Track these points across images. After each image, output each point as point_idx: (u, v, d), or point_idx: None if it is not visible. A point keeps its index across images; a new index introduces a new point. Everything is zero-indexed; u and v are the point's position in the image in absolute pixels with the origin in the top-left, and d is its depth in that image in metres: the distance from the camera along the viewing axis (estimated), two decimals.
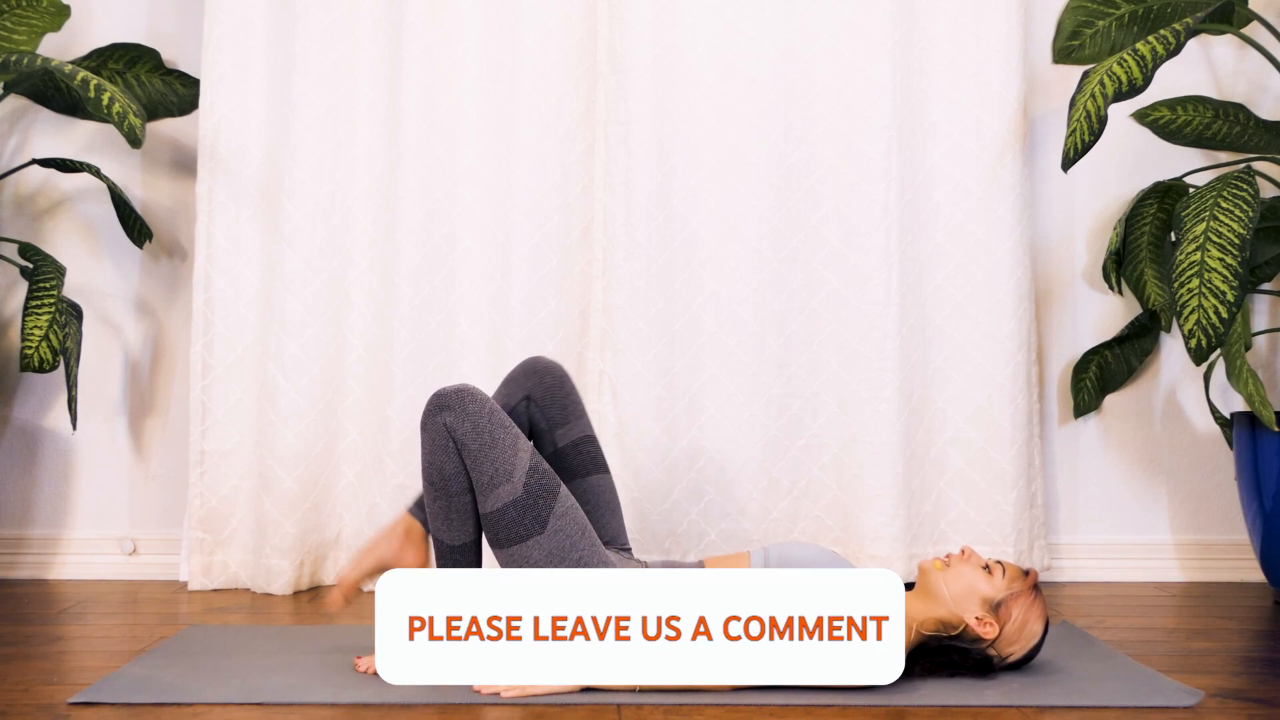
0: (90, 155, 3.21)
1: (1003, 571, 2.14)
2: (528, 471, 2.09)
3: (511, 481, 2.08)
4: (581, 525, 2.12)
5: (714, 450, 3.04)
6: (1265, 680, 2.21)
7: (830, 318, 3.06)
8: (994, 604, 2.11)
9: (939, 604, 2.12)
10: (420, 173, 3.06)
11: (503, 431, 2.11)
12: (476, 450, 2.09)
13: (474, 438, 2.09)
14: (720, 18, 3.06)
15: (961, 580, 2.12)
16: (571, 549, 2.09)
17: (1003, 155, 3.07)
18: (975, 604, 2.11)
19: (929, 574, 2.15)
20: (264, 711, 1.95)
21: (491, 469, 2.09)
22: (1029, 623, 2.13)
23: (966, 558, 2.16)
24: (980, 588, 2.12)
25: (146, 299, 3.24)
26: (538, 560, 2.08)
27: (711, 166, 3.06)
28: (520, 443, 2.12)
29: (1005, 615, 2.11)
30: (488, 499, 2.09)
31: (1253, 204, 2.57)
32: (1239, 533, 3.18)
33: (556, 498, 2.11)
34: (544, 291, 3.06)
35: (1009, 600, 2.11)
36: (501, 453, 2.09)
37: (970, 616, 2.10)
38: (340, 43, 3.08)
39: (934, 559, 2.18)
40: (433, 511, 2.17)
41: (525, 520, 2.08)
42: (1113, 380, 3.19)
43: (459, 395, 2.12)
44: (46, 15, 3.08)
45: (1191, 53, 3.22)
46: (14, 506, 3.20)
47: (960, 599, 2.11)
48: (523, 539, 2.08)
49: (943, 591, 2.12)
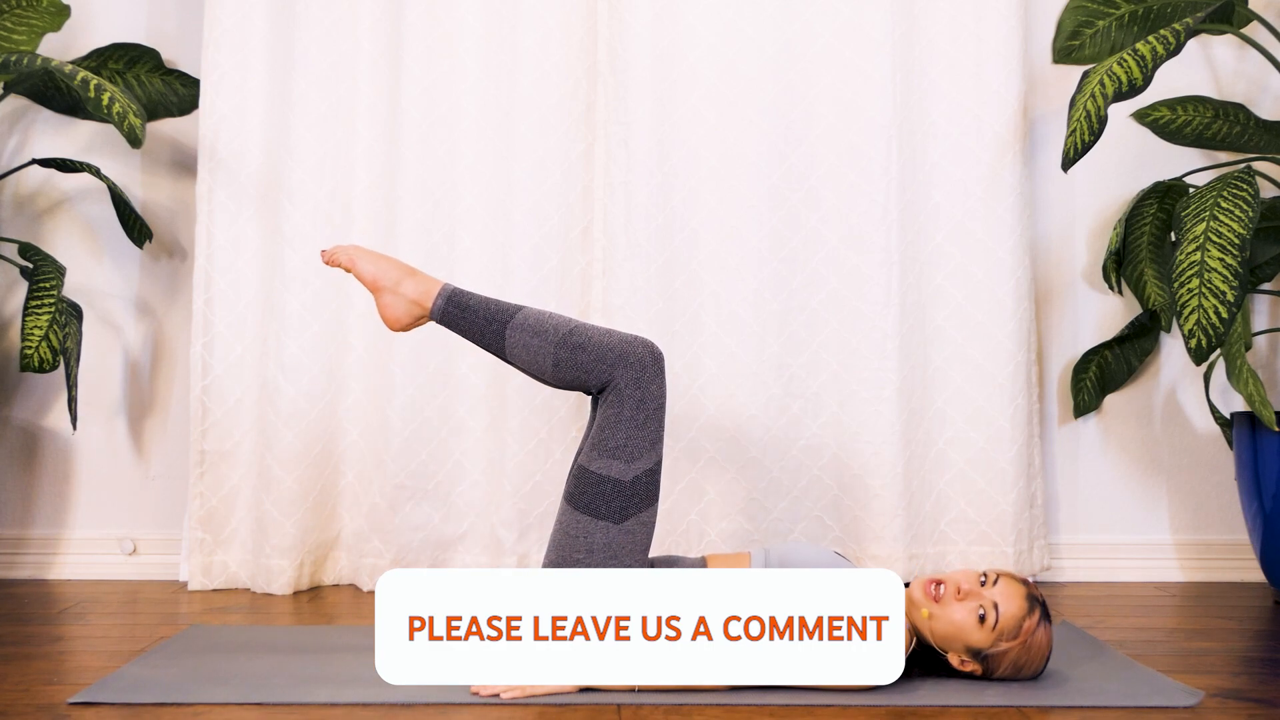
0: (90, 155, 3.21)
1: (995, 621, 2.03)
2: (649, 470, 2.10)
3: (631, 464, 2.08)
4: (646, 544, 2.13)
5: (714, 450, 3.04)
6: (1265, 680, 2.21)
7: (830, 318, 3.06)
8: (980, 655, 2.06)
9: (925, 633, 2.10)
10: (420, 173, 3.06)
11: (656, 422, 2.11)
12: (629, 416, 2.09)
13: (636, 407, 2.09)
14: (720, 18, 3.06)
15: (949, 626, 2.05)
16: (628, 554, 2.09)
17: (1003, 155, 3.07)
18: (960, 648, 2.06)
19: (914, 615, 2.07)
20: (264, 711, 1.95)
21: (625, 439, 2.08)
22: (1023, 668, 2.08)
23: (963, 597, 2.04)
24: (967, 637, 2.04)
25: (146, 299, 3.24)
26: (595, 543, 2.08)
27: (711, 166, 3.06)
28: (660, 442, 2.12)
29: (993, 665, 2.07)
30: (599, 459, 2.08)
31: (1253, 204, 2.57)
32: (1239, 533, 3.18)
33: (650, 508, 2.12)
34: (544, 291, 3.06)
35: (997, 655, 2.05)
36: (646, 436, 2.09)
37: (954, 658, 2.08)
38: (340, 43, 3.08)
39: (924, 593, 2.06)
40: (527, 336, 2.12)
41: (614, 504, 2.08)
42: (1113, 380, 3.19)
43: (658, 362, 2.11)
44: (46, 15, 3.09)
45: (1191, 53, 3.22)
46: (14, 506, 3.21)
47: (945, 642, 2.07)
48: (599, 515, 2.08)
49: (927, 633, 2.08)
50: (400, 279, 2.21)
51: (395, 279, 2.21)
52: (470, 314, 2.18)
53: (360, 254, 2.24)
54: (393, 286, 2.21)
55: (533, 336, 2.14)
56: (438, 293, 2.20)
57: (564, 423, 3.06)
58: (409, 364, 3.02)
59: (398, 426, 3.02)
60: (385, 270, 2.21)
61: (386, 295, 2.21)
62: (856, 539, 3.03)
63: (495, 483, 3.05)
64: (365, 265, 2.22)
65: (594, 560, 2.07)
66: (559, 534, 2.12)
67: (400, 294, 2.21)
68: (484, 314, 2.18)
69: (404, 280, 2.21)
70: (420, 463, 3.03)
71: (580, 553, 2.08)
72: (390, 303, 2.21)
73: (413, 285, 2.21)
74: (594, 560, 2.07)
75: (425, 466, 3.03)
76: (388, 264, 2.22)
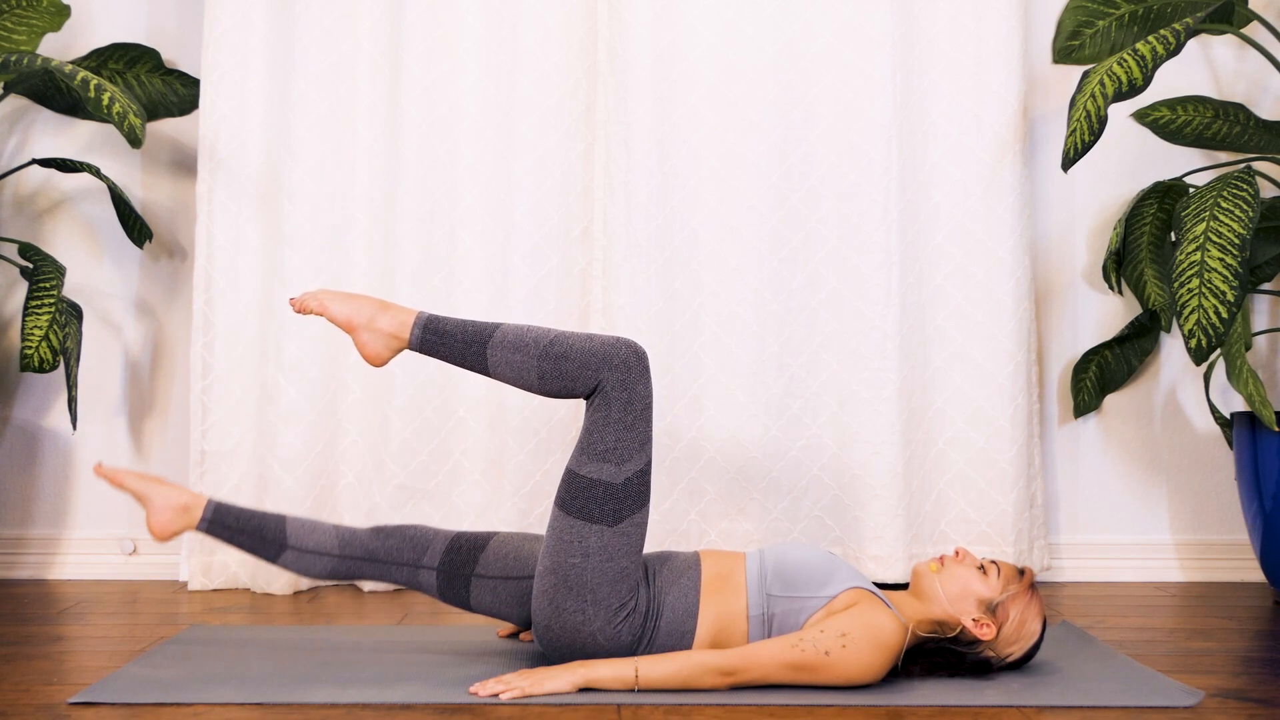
0: (90, 155, 3.21)
1: (998, 572, 2.14)
2: (639, 471, 2.10)
3: (621, 467, 2.08)
4: (639, 544, 2.12)
5: (714, 450, 3.04)
6: (1265, 680, 2.21)
7: (830, 318, 3.06)
8: (990, 605, 2.11)
9: (934, 605, 2.11)
10: (420, 173, 3.06)
11: (644, 422, 2.11)
12: (617, 418, 2.08)
13: (623, 408, 2.09)
14: (720, 18, 3.06)
15: (957, 582, 2.12)
16: (623, 556, 2.08)
17: (1003, 155, 3.07)
18: (971, 605, 2.11)
19: (924, 576, 2.15)
20: (264, 711, 1.95)
21: (614, 442, 2.08)
22: (1027, 622, 2.13)
23: (961, 559, 2.16)
24: (976, 589, 2.12)
25: (146, 299, 3.24)
26: (590, 547, 2.07)
27: (711, 166, 3.06)
28: (650, 442, 2.12)
29: (1002, 616, 2.11)
30: (589, 463, 2.08)
31: (1253, 204, 2.57)
32: (1239, 533, 3.18)
33: (642, 509, 2.11)
34: (544, 291, 3.06)
35: (1006, 602, 2.11)
36: (635, 437, 2.09)
37: (967, 618, 2.10)
38: (340, 43, 3.08)
39: (928, 560, 2.18)
40: (508, 353, 2.12)
41: (606, 507, 2.07)
42: (1113, 380, 3.19)
43: (642, 361, 2.11)
44: (46, 15, 3.08)
45: (1191, 53, 3.22)
46: (14, 506, 3.21)
47: (956, 600, 2.11)
48: (592, 520, 2.07)
49: (938, 593, 2.12)
50: (374, 315, 2.18)
51: (369, 316, 2.18)
52: (449, 339, 2.16)
53: (330, 297, 2.21)
54: (367, 323, 2.18)
55: (514, 352, 2.13)
56: (414, 323, 2.17)
57: (564, 423, 3.06)
58: (409, 364, 3.02)
59: (398, 426, 3.02)
60: (358, 309, 2.18)
61: (363, 333, 2.18)
62: (856, 539, 3.03)
63: (495, 483, 3.05)
64: (337, 307, 2.19)
65: (590, 564, 2.07)
66: (552, 539, 2.11)
67: (376, 329, 2.18)
68: (463, 337, 2.16)
69: (378, 315, 2.18)
70: (420, 463, 3.03)
71: (575, 557, 2.08)
72: (368, 340, 2.18)
73: (388, 319, 2.18)
74: (590, 564, 2.07)
75: (425, 466, 3.03)
76: (359, 302, 2.20)
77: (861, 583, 2.12)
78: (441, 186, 3.07)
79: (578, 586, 2.06)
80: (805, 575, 2.11)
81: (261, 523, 2.24)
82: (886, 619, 2.05)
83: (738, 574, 2.14)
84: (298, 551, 2.23)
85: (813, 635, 2.02)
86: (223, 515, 2.24)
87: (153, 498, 2.23)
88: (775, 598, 2.10)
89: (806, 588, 2.09)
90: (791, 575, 2.11)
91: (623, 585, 2.07)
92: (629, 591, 2.08)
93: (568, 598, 2.07)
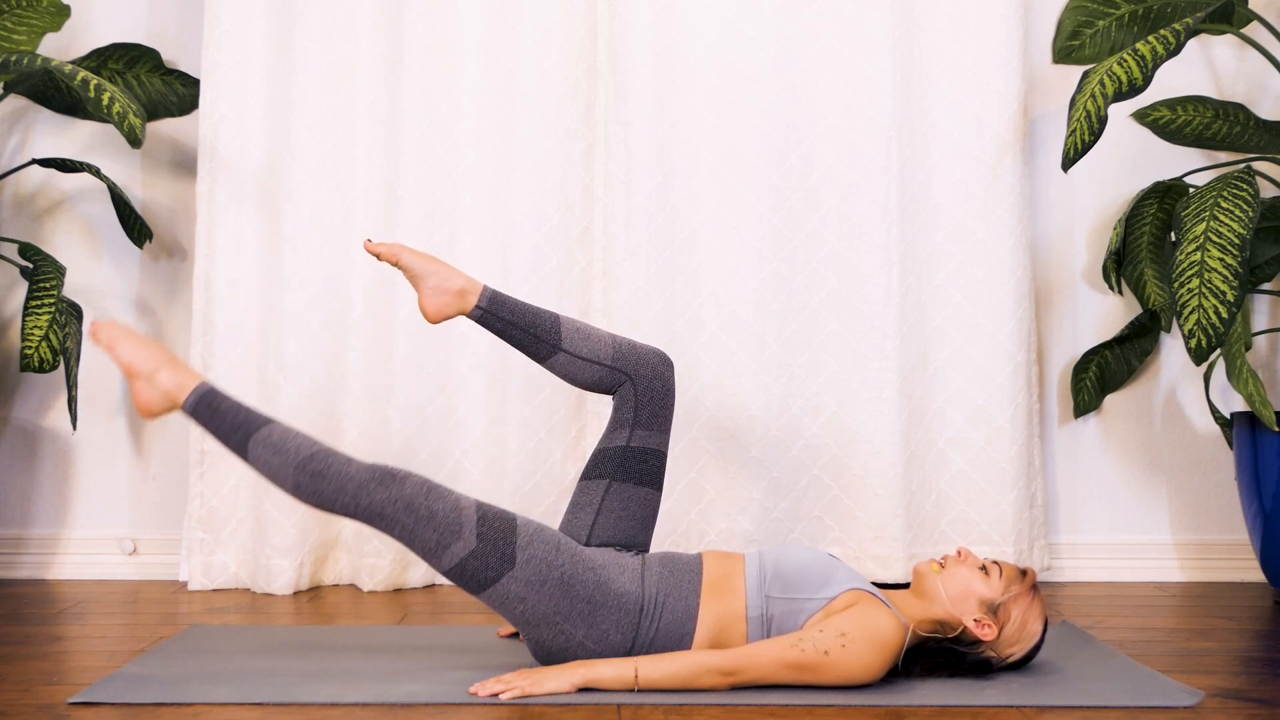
0: (90, 155, 3.21)
1: (1000, 572, 2.14)
2: (476, 524, 2.07)
3: (462, 538, 2.05)
4: (554, 542, 2.10)
5: (714, 450, 3.04)
6: (1265, 680, 2.21)
7: (830, 318, 3.06)
8: (992, 606, 2.11)
9: (936, 605, 2.11)
10: (420, 173, 3.06)
11: (440, 501, 2.07)
12: (412, 525, 2.05)
13: (407, 514, 2.05)
14: (720, 18, 3.06)
15: (959, 582, 2.12)
16: (550, 569, 2.07)
17: (1003, 155, 3.07)
18: (973, 606, 2.11)
19: (925, 576, 2.15)
20: (264, 711, 1.95)
21: (436, 534, 2.05)
22: (1028, 623, 2.13)
23: (963, 559, 2.16)
24: (978, 589, 2.11)
25: (146, 299, 3.24)
26: (519, 592, 2.06)
27: (711, 166, 3.06)
28: (462, 501, 2.08)
29: (1004, 617, 2.11)
30: (442, 559, 2.06)
31: (1253, 204, 2.57)
32: (1239, 533, 3.18)
33: (516, 531, 2.08)
34: (544, 291, 3.06)
35: (1008, 602, 2.11)
36: (444, 519, 2.05)
37: (968, 619, 2.10)
38: (340, 43, 3.08)
39: (930, 560, 2.17)
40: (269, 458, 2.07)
41: (491, 563, 2.06)
42: (1113, 380, 3.19)
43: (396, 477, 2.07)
44: (46, 15, 3.08)
45: (1191, 53, 3.22)
46: (14, 506, 3.21)
47: (958, 601, 2.11)
48: (495, 580, 2.06)
49: (939, 593, 2.11)
50: (157, 368, 2.12)
51: (152, 368, 2.12)
52: (219, 417, 2.11)
53: (122, 337, 2.14)
54: (148, 375, 2.12)
55: (274, 455, 2.08)
56: (192, 389, 2.12)
57: (564, 423, 3.06)
58: (409, 364, 3.02)
59: (398, 426, 3.02)
60: (144, 357, 2.12)
61: (140, 382, 2.13)
62: (856, 539, 3.03)
63: (495, 482, 3.05)
64: (124, 349, 2.13)
65: (531, 600, 2.06)
66: (499, 611, 2.10)
67: (155, 383, 2.12)
68: (232, 420, 2.11)
69: (161, 369, 2.12)
70: (420, 463, 3.03)
71: (518, 606, 2.07)
72: (141, 389, 2.13)
73: (169, 376, 2.12)
74: (531, 600, 2.06)
75: (425, 466, 3.03)
76: (148, 351, 2.13)
77: (861, 584, 2.12)
78: (441, 186, 3.07)
79: (540, 621, 2.07)
80: (804, 577, 2.11)
81: (536, 319, 2.24)
82: (886, 619, 2.05)
83: (737, 575, 2.14)
84: (570, 356, 2.25)
85: (812, 635, 2.02)
86: (499, 306, 2.24)
87: (428, 278, 2.23)
88: (774, 599, 2.09)
89: (805, 589, 2.09)
90: (791, 576, 2.11)
91: (577, 586, 2.07)
92: (594, 586, 2.07)
93: (541, 631, 2.09)
